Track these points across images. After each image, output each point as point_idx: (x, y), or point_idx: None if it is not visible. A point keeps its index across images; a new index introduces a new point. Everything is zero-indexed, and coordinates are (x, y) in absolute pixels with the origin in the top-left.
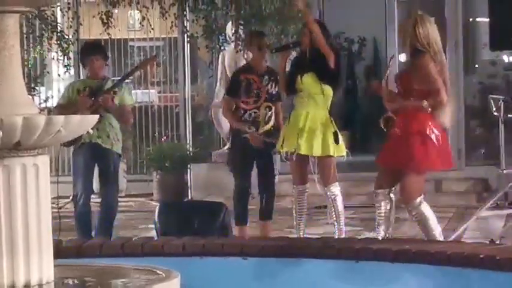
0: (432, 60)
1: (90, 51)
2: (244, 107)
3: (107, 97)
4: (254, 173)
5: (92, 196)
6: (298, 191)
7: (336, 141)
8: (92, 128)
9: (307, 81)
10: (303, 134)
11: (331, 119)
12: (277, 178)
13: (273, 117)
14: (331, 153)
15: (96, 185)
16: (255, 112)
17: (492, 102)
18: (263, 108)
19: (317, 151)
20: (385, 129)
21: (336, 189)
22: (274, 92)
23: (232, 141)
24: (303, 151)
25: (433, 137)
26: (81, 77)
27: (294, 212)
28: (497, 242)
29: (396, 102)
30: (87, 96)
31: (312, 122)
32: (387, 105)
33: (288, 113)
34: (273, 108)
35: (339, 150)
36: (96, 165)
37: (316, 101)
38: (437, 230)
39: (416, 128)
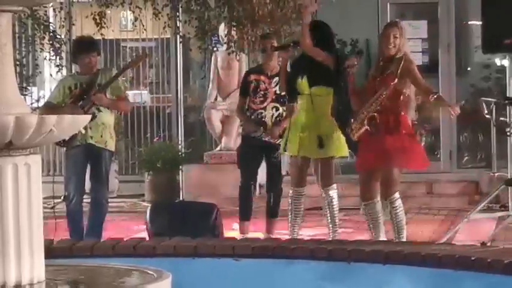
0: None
1: (87, 49)
2: (252, 106)
3: (99, 96)
4: (261, 172)
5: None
6: (297, 193)
7: (320, 145)
8: (85, 128)
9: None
10: (308, 137)
11: (333, 120)
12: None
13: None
14: (332, 154)
15: (87, 184)
16: (261, 112)
17: (484, 105)
18: (270, 108)
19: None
20: (368, 129)
21: (333, 191)
22: (283, 93)
23: (241, 140)
24: (315, 155)
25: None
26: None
27: (289, 213)
28: (489, 244)
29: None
30: (79, 95)
31: (313, 124)
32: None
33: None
34: (281, 109)
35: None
36: (88, 164)
37: (316, 102)
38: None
39: (405, 127)
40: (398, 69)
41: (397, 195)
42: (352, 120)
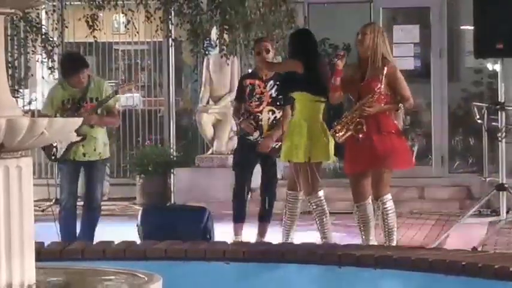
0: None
1: (78, 68)
2: (249, 110)
3: (90, 118)
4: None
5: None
6: (293, 196)
7: None
8: (77, 146)
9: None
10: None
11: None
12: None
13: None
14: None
15: (79, 188)
16: (258, 115)
17: (476, 109)
18: (266, 112)
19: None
20: (355, 134)
21: (317, 199)
22: (279, 97)
23: (238, 143)
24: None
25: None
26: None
27: (284, 217)
28: (479, 249)
29: (374, 107)
30: (70, 109)
31: (298, 128)
32: (368, 110)
33: None
34: (277, 112)
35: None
36: (82, 169)
37: (298, 107)
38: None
39: (392, 128)
40: (383, 74)
41: (389, 196)
42: (335, 122)
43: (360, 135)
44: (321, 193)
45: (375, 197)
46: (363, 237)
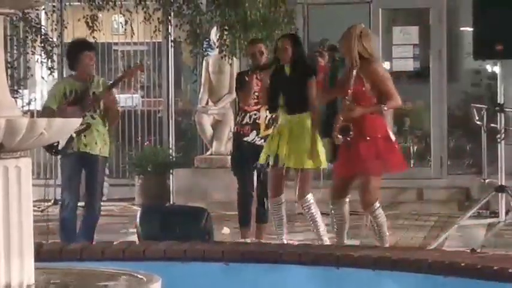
0: (381, 68)
1: (85, 47)
2: (246, 108)
3: (92, 105)
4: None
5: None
6: (275, 204)
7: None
8: (79, 137)
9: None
10: (289, 147)
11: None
12: None
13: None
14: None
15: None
16: (255, 114)
17: (475, 111)
18: (264, 110)
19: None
20: (342, 138)
21: (307, 204)
22: None
23: (234, 146)
24: (292, 165)
25: (394, 139)
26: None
27: (273, 220)
28: (478, 250)
29: (356, 110)
30: (72, 102)
31: (295, 135)
32: (347, 115)
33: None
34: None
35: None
36: (83, 170)
37: (293, 125)
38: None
39: (379, 132)
40: (365, 75)
41: (377, 204)
42: (335, 125)
43: (348, 139)
44: (309, 196)
45: (363, 207)
46: (337, 238)
